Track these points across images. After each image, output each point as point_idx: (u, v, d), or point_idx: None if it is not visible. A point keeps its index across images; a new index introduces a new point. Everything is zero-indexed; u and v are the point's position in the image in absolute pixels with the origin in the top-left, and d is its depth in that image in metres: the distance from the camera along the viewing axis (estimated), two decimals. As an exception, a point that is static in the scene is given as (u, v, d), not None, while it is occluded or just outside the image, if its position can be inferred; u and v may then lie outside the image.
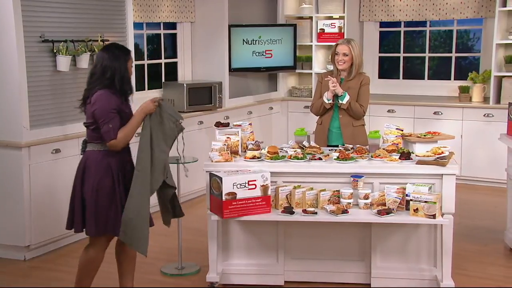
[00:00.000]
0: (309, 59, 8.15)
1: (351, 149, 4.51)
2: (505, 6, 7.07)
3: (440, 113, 7.37)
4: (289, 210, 4.15)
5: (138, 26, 6.60)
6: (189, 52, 7.35)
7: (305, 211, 4.15)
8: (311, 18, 8.06)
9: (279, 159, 4.32)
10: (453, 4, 7.69)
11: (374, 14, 8.19)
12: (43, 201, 5.04)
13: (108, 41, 5.55)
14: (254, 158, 4.33)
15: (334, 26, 7.93)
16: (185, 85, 6.68)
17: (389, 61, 8.50)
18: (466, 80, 7.68)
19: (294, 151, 4.44)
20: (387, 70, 8.50)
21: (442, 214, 4.11)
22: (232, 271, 4.47)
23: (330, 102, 4.95)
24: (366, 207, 4.20)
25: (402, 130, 4.75)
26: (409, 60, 8.41)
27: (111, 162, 3.83)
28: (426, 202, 4.01)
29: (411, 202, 4.08)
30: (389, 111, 7.61)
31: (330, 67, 7.31)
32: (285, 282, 4.48)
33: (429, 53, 8.18)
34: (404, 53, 8.34)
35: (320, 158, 4.34)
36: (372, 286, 4.41)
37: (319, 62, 8.17)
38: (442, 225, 4.14)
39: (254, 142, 4.60)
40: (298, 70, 8.21)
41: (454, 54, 8.01)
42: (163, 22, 6.98)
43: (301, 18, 8.21)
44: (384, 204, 4.18)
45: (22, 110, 4.90)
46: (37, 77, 5.03)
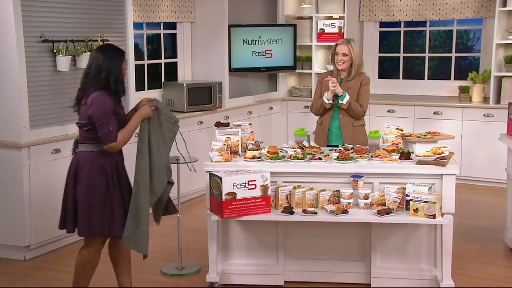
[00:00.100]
0: (309, 59, 8.14)
1: (351, 149, 4.51)
2: (505, 6, 7.07)
3: (440, 113, 7.37)
4: (289, 210, 4.15)
5: (138, 26, 6.60)
6: (189, 52, 7.35)
7: (305, 211, 4.15)
8: (311, 18, 8.06)
9: (279, 159, 4.32)
10: (453, 4, 7.69)
11: (374, 14, 8.19)
12: (43, 201, 5.03)
13: (108, 41, 5.55)
14: (254, 158, 4.33)
15: (334, 26, 7.93)
16: (185, 85, 6.68)
17: (389, 61, 8.50)
18: (466, 80, 7.68)
19: (294, 151, 4.44)
20: (387, 70, 8.50)
21: (442, 214, 4.11)
22: (232, 271, 4.47)
23: (330, 102, 4.95)
24: (366, 207, 4.20)
25: (402, 130, 4.75)
26: (409, 60, 8.40)
27: (105, 163, 3.83)
28: (426, 202, 4.01)
29: (411, 202, 4.08)
30: (389, 111, 7.61)
31: (330, 67, 7.31)
32: (285, 282, 4.47)
33: (429, 53, 8.18)
34: (404, 53, 8.34)
35: (320, 158, 4.33)
36: (372, 286, 4.41)
37: (319, 62, 8.17)
38: (442, 225, 4.14)
39: (254, 142, 4.60)
40: (298, 70, 8.21)
41: (454, 54, 8.01)
42: (163, 22, 6.98)
43: (301, 18, 8.20)
44: (384, 204, 4.18)
45: (22, 110, 4.90)
46: (37, 77, 5.03)
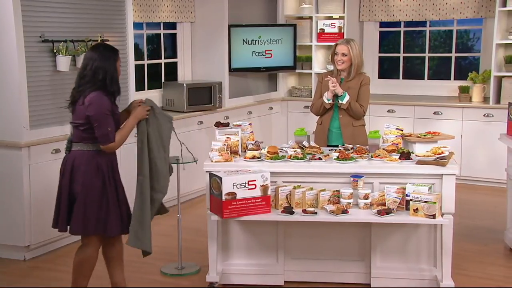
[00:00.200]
0: (309, 59, 8.14)
1: (351, 149, 4.51)
2: (505, 6, 7.06)
3: (440, 113, 7.37)
4: (289, 210, 4.15)
5: (138, 26, 6.60)
6: (189, 52, 7.34)
7: (305, 211, 4.15)
8: (311, 18, 8.06)
9: (279, 159, 4.32)
10: (453, 4, 7.69)
11: (374, 14, 8.19)
12: (43, 201, 5.03)
13: (108, 41, 5.55)
14: (254, 158, 4.33)
15: (334, 26, 7.93)
16: (185, 85, 6.68)
17: (389, 61, 8.50)
18: (466, 80, 7.67)
19: (294, 151, 4.44)
20: (387, 70, 8.50)
21: (442, 214, 4.11)
22: (232, 271, 4.47)
23: (330, 102, 4.95)
24: (366, 207, 4.20)
25: (402, 130, 4.74)
26: (409, 60, 8.40)
27: (101, 162, 3.85)
28: (426, 202, 4.01)
29: (411, 202, 4.08)
30: (389, 111, 7.60)
31: (330, 67, 7.31)
32: (285, 282, 4.47)
33: (429, 53, 8.18)
34: (404, 53, 8.34)
35: (320, 158, 4.33)
36: (372, 286, 4.41)
37: (319, 62, 8.17)
38: (442, 225, 4.14)
39: (254, 142, 4.60)
40: (298, 70, 8.21)
41: (454, 54, 8.01)
42: (163, 22, 6.98)
43: (301, 18, 8.20)
44: (384, 204, 4.18)
45: (22, 110, 4.90)
46: (37, 77, 5.02)
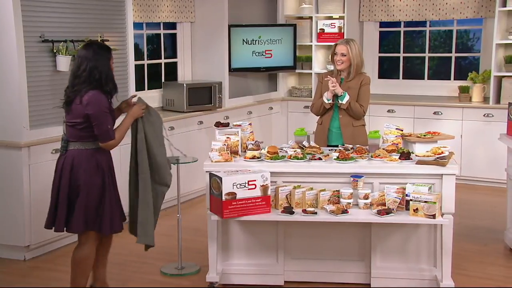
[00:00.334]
0: (309, 59, 8.14)
1: (351, 149, 4.51)
2: (505, 6, 7.06)
3: (440, 113, 7.37)
4: (289, 210, 4.15)
5: (138, 26, 6.60)
6: (189, 52, 7.34)
7: (305, 211, 4.15)
8: (311, 18, 8.06)
9: (279, 159, 4.32)
10: (453, 4, 7.69)
11: (374, 14, 8.19)
12: (43, 201, 5.00)
13: (107, 40, 5.55)
14: (254, 158, 4.33)
15: (334, 26, 7.92)
16: (185, 85, 6.68)
17: (389, 61, 8.49)
18: (466, 80, 7.67)
19: (294, 151, 4.44)
20: (387, 70, 8.50)
21: (442, 214, 4.11)
22: (232, 271, 4.47)
23: (330, 102, 4.94)
24: (366, 207, 4.20)
25: (402, 130, 4.74)
26: (409, 60, 8.40)
27: (100, 160, 3.89)
28: (426, 202, 4.01)
29: (411, 202, 4.08)
30: (389, 111, 7.60)
31: (330, 67, 7.31)
32: (285, 282, 4.47)
33: (429, 53, 8.17)
34: (404, 53, 8.33)
35: (320, 158, 4.33)
36: (372, 286, 4.41)
37: (319, 62, 8.17)
38: (442, 225, 4.14)
39: (254, 142, 4.60)
40: (298, 70, 8.20)
41: (454, 54, 8.01)
42: (163, 22, 6.98)
43: (301, 18, 8.20)
44: (384, 204, 4.18)
45: (22, 110, 4.90)
46: (37, 77, 5.02)
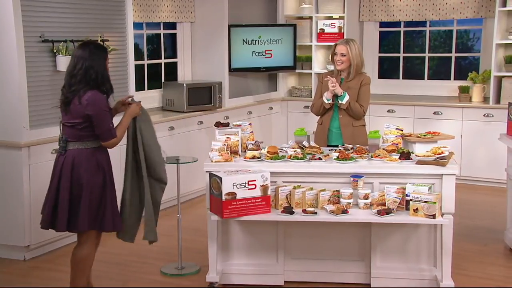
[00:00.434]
0: (309, 59, 8.14)
1: (351, 149, 4.51)
2: (505, 6, 7.06)
3: (440, 113, 7.37)
4: (289, 210, 4.15)
5: (138, 26, 6.60)
6: (189, 52, 7.34)
7: (305, 211, 4.15)
8: (311, 18, 8.06)
9: (279, 159, 4.32)
10: (453, 4, 7.69)
11: (374, 14, 8.19)
12: (43, 201, 5.02)
13: (108, 40, 5.55)
14: (254, 158, 4.33)
15: (334, 26, 7.92)
16: (185, 85, 6.68)
17: (389, 61, 8.49)
18: (466, 80, 7.67)
19: (294, 151, 4.44)
20: (387, 70, 8.50)
21: (442, 214, 4.11)
22: (232, 271, 4.47)
23: (330, 102, 4.94)
24: (366, 207, 4.20)
25: (402, 130, 4.75)
26: (409, 60, 8.40)
27: (101, 159, 3.91)
28: (426, 202, 4.01)
29: (411, 202, 4.08)
30: (389, 111, 7.60)
31: (330, 67, 7.31)
32: (285, 282, 4.47)
33: (429, 53, 8.17)
34: (404, 53, 8.33)
35: (320, 158, 4.33)
36: (372, 286, 4.41)
37: (319, 62, 8.16)
38: (442, 225, 4.14)
39: (254, 142, 4.60)
40: (298, 70, 8.20)
41: (454, 54, 8.01)
42: (163, 22, 6.97)
43: (301, 18, 8.20)
44: (384, 204, 4.18)
45: (22, 110, 4.89)
46: (37, 77, 5.02)
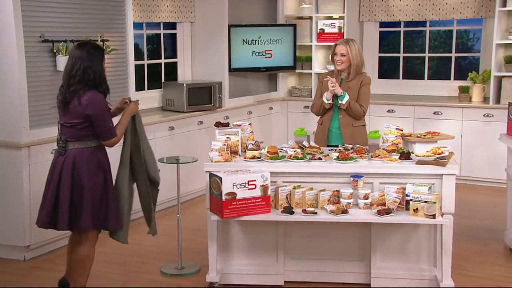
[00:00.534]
0: (309, 59, 8.14)
1: (351, 149, 4.51)
2: (505, 6, 7.06)
3: (440, 113, 7.37)
4: (289, 210, 4.15)
5: (138, 26, 6.60)
6: (189, 52, 7.34)
7: (305, 211, 4.15)
8: (311, 18, 8.06)
9: (279, 159, 4.32)
10: (453, 4, 7.69)
11: (374, 14, 8.19)
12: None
13: (108, 40, 5.55)
14: (254, 158, 4.33)
15: (334, 26, 7.92)
16: (185, 85, 6.68)
17: (389, 61, 8.49)
18: (466, 80, 7.67)
19: (294, 151, 4.44)
20: (387, 70, 8.50)
21: (442, 214, 4.11)
22: (232, 271, 4.47)
23: (330, 102, 4.94)
24: (366, 207, 4.20)
25: (402, 130, 4.75)
26: (409, 60, 8.40)
27: (101, 158, 3.94)
28: (426, 202, 4.01)
29: (411, 202, 4.08)
30: (389, 111, 7.60)
31: (330, 67, 7.31)
32: (285, 282, 4.47)
33: (429, 53, 8.17)
34: (404, 53, 8.33)
35: (320, 158, 4.33)
36: (372, 286, 4.41)
37: (319, 62, 8.17)
38: (442, 225, 4.14)
39: (254, 142, 4.60)
40: (298, 70, 8.20)
41: (454, 54, 8.01)
42: (163, 22, 6.97)
43: (301, 18, 8.20)
44: (384, 204, 4.18)
45: (22, 110, 4.89)
46: (37, 77, 5.02)
